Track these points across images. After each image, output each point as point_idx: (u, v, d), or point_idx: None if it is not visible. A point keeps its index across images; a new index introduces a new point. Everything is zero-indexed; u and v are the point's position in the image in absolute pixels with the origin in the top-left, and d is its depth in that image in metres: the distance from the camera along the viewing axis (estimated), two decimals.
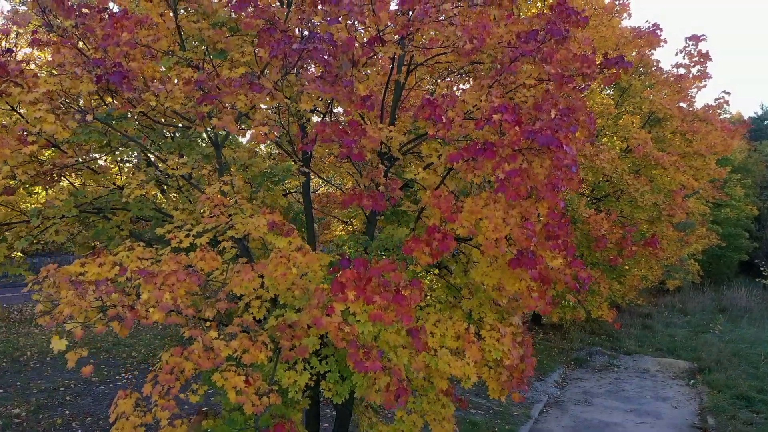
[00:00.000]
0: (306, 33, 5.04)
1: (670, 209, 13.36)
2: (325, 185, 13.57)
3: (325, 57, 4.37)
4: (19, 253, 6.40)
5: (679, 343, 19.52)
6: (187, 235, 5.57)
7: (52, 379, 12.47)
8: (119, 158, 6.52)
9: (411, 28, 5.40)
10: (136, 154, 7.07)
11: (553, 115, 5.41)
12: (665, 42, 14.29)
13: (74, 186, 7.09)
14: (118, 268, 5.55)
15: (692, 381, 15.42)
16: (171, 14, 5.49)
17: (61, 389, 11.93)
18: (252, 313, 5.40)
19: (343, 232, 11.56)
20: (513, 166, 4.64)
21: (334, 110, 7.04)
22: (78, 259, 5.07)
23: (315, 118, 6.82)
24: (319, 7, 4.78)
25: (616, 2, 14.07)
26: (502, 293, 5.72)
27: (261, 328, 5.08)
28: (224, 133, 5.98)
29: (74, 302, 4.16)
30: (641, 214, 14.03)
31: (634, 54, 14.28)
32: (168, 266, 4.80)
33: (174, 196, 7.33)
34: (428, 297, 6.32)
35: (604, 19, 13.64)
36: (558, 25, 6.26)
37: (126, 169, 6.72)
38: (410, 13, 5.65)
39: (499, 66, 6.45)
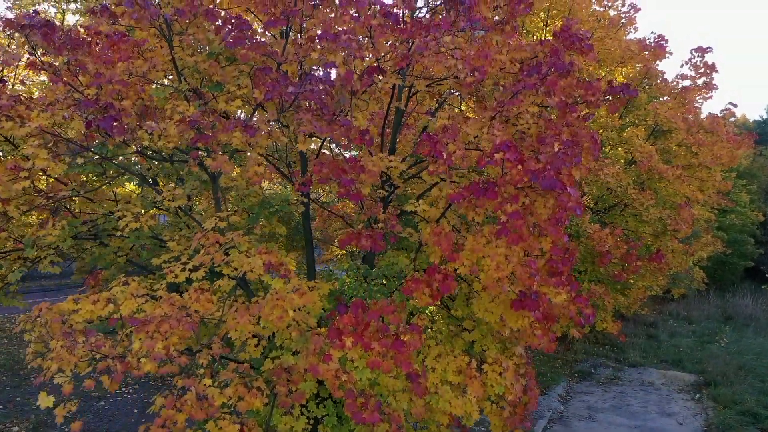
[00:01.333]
0: (303, 66, 4.94)
1: (676, 224, 13.19)
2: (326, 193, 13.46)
3: (322, 97, 4.25)
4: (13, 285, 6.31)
5: (684, 354, 19.33)
6: (183, 269, 5.47)
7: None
8: (115, 187, 6.41)
9: (411, 60, 5.27)
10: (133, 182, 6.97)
11: (556, 149, 5.28)
12: (671, 54, 14.11)
13: (70, 212, 6.99)
14: (111, 306, 5.46)
15: (698, 395, 15.24)
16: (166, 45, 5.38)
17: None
18: (249, 353, 5.30)
19: (343, 250, 11.48)
20: (515, 208, 4.51)
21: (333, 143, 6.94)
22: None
23: (313, 145, 6.71)
24: (317, 42, 4.66)
25: (622, 15, 13.90)
26: (505, 327, 5.59)
27: (256, 371, 4.98)
28: None
29: (63, 356, 4.05)
30: (646, 228, 13.87)
31: (639, 67, 14.11)
32: (161, 309, 4.70)
33: (170, 221, 7.23)
34: (429, 330, 6.19)
35: (609, 31, 13.47)
36: (561, 54, 6.13)
37: (121, 198, 6.62)
38: (410, 42, 5.53)
39: (501, 88, 6.33)
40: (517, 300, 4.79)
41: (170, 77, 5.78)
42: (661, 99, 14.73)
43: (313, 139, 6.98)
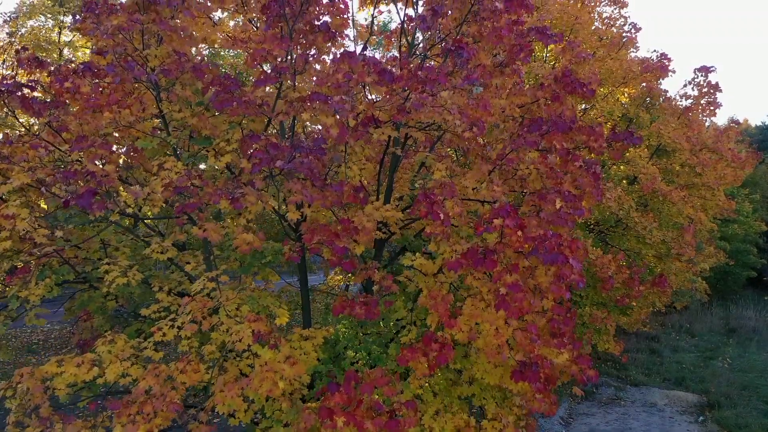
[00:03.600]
0: (295, 123, 4.75)
1: (679, 247, 12.98)
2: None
3: (313, 168, 4.05)
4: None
5: (687, 372, 19.12)
6: (172, 326, 5.29)
7: None
8: (103, 236, 6.21)
9: (407, 114, 5.08)
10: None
11: (558, 206, 5.09)
12: (673, 72, 13.89)
13: (60, 255, 6.80)
14: (96, 369, 5.27)
15: (701, 418, 15.03)
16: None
17: None
18: (238, 418, 5.11)
19: (340, 277, 11.30)
20: (514, 278, 4.31)
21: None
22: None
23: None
24: (308, 102, 4.47)
25: (624, 35, 13.68)
26: (505, 390, 5.40)
27: None
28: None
29: None
30: (649, 250, 13.66)
31: (642, 85, 13.90)
32: (146, 381, 4.51)
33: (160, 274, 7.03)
34: (426, 384, 6.00)
35: (611, 51, 13.25)
36: (562, 99, 5.94)
37: (110, 246, 6.42)
38: (406, 92, 5.33)
39: (501, 139, 6.14)
40: (518, 371, 4.60)
41: (158, 121, 5.59)
42: (664, 119, 14.51)
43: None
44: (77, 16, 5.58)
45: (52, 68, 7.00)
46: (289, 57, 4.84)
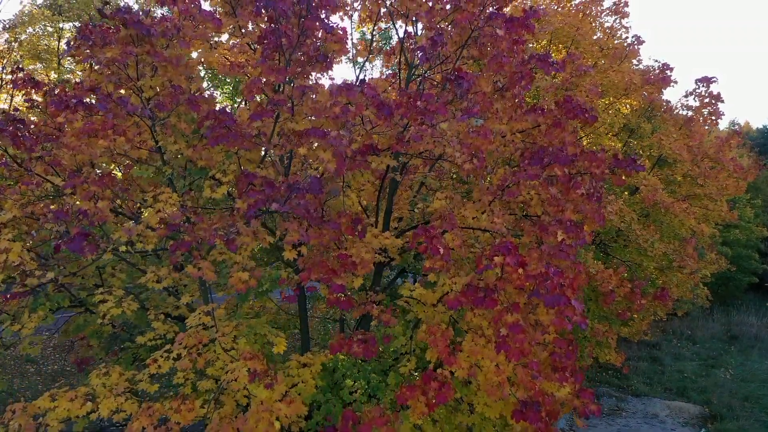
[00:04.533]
0: (292, 157, 4.67)
1: (681, 260, 12.87)
2: None
3: (309, 210, 3.97)
4: None
5: (688, 381, 19.03)
6: (167, 358, 5.21)
7: None
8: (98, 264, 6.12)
9: (406, 144, 4.99)
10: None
11: (560, 238, 5.00)
12: (675, 82, 13.78)
13: (55, 281, 6.72)
14: (90, 404, 5.18)
15: (703, 430, 14.94)
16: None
17: None
18: None
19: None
20: (515, 318, 4.22)
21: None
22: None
23: None
24: (305, 138, 4.38)
25: (626, 46, 13.56)
26: (505, 425, 5.31)
27: None
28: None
29: None
30: (650, 263, 13.55)
31: (644, 95, 13.79)
32: (139, 422, 4.42)
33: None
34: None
35: (613, 63, 13.15)
36: (564, 125, 5.85)
37: (105, 272, 6.33)
38: (405, 120, 5.24)
39: (509, 157, 6.04)
40: (519, 410, 4.51)
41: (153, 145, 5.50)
42: (665, 128, 14.40)
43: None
44: (71, 43, 5.49)
45: (47, 88, 6.92)
46: (285, 88, 4.75)
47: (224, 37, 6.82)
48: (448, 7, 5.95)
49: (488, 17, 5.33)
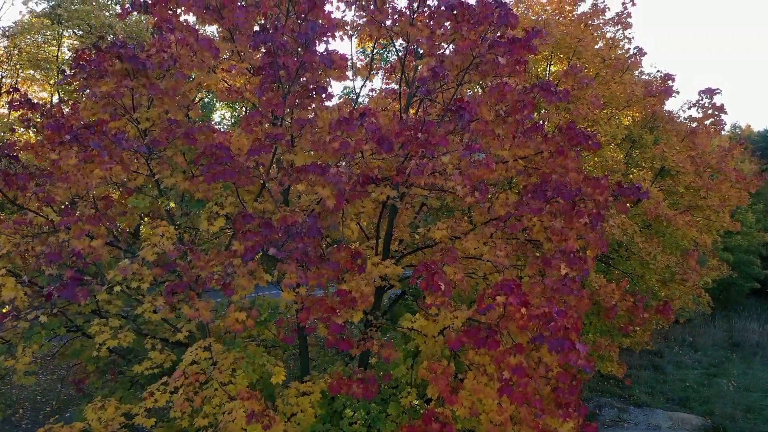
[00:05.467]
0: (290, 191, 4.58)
1: (684, 272, 12.78)
2: None
3: (308, 251, 3.88)
4: None
5: (690, 391, 18.94)
6: (164, 391, 5.14)
7: None
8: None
9: (406, 177, 4.90)
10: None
11: (563, 272, 4.91)
12: (677, 93, 13.70)
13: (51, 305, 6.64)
14: None
15: None
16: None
17: None
18: None
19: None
20: (518, 360, 4.14)
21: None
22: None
23: None
24: (303, 173, 4.30)
25: (629, 57, 13.47)
26: None
27: None
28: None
29: None
30: (653, 275, 13.46)
31: (646, 106, 13.69)
32: None
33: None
34: None
35: (615, 75, 13.06)
36: (566, 153, 5.77)
37: (100, 304, 6.25)
38: (405, 150, 5.15)
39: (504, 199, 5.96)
40: None
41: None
42: (668, 138, 14.30)
43: None
44: (66, 72, 5.42)
45: (44, 110, 6.84)
46: (284, 119, 4.67)
47: (224, 54, 6.74)
48: (448, 25, 5.86)
49: (490, 45, 5.24)
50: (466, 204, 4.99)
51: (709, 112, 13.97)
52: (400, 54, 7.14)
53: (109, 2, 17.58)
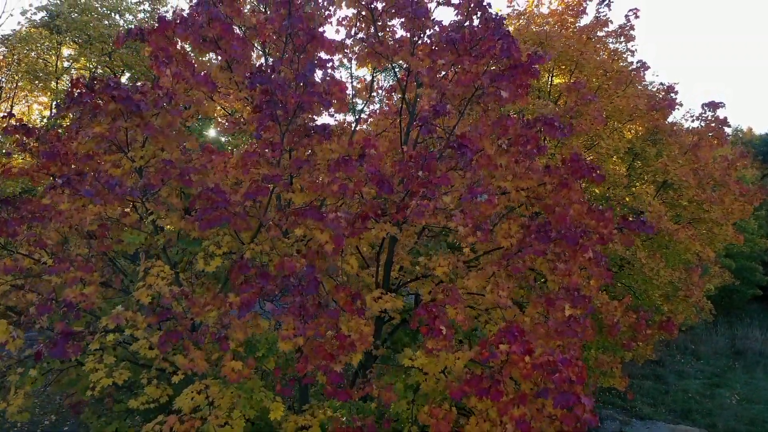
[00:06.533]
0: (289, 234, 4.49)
1: (687, 289, 12.67)
2: None
3: (306, 305, 3.78)
4: None
5: (693, 403, 18.80)
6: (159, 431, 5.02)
7: None
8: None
9: (407, 216, 4.80)
10: None
11: (567, 313, 4.80)
12: (680, 105, 13.59)
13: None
14: None
15: None
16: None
17: None
18: None
19: None
20: (521, 411, 4.03)
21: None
22: None
23: None
24: (301, 217, 4.19)
25: (632, 72, 13.35)
26: None
27: None
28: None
29: None
30: (656, 291, 13.35)
31: (649, 120, 13.59)
32: None
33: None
34: None
35: (618, 88, 12.95)
36: (570, 185, 5.66)
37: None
38: (406, 190, 5.05)
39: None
40: None
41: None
42: (671, 151, 14.19)
43: None
44: (60, 105, 5.32)
45: (39, 134, 6.74)
46: (282, 158, 4.56)
47: (221, 82, 6.63)
48: (450, 57, 5.75)
49: (492, 78, 5.13)
50: (467, 244, 4.89)
51: (712, 125, 13.86)
52: (399, 78, 7.03)
53: (108, 12, 17.48)
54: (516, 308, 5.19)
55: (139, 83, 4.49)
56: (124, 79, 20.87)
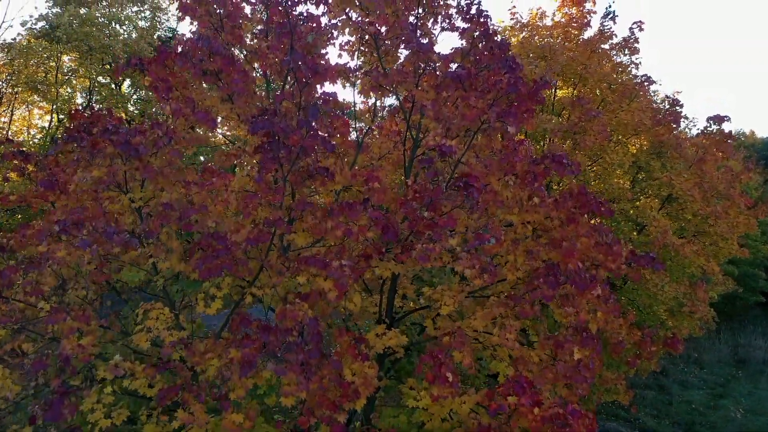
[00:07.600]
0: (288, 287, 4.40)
1: (692, 305, 12.57)
2: None
3: (309, 360, 3.68)
4: None
5: (696, 414, 18.69)
6: None
7: None
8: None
9: (411, 255, 4.69)
10: None
11: (576, 357, 4.70)
12: (686, 118, 13.50)
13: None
14: None
15: None
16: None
17: None
18: None
19: None
20: None
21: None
22: None
23: None
24: (303, 264, 4.09)
25: (636, 86, 13.23)
26: None
27: None
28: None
29: None
30: (660, 306, 13.24)
31: (654, 133, 13.48)
32: None
33: None
34: None
35: (622, 102, 12.84)
36: (577, 220, 5.55)
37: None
38: (410, 227, 4.94)
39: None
40: None
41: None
42: (675, 164, 14.09)
43: None
44: (59, 141, 5.24)
45: (37, 159, 6.64)
46: (285, 199, 4.46)
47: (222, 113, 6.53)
48: (456, 93, 5.64)
49: (499, 115, 5.02)
50: (472, 288, 4.80)
51: (717, 138, 13.75)
52: (403, 103, 6.92)
53: (109, 22, 17.39)
54: (523, 349, 5.09)
55: (136, 125, 4.39)
56: (125, 87, 20.75)
